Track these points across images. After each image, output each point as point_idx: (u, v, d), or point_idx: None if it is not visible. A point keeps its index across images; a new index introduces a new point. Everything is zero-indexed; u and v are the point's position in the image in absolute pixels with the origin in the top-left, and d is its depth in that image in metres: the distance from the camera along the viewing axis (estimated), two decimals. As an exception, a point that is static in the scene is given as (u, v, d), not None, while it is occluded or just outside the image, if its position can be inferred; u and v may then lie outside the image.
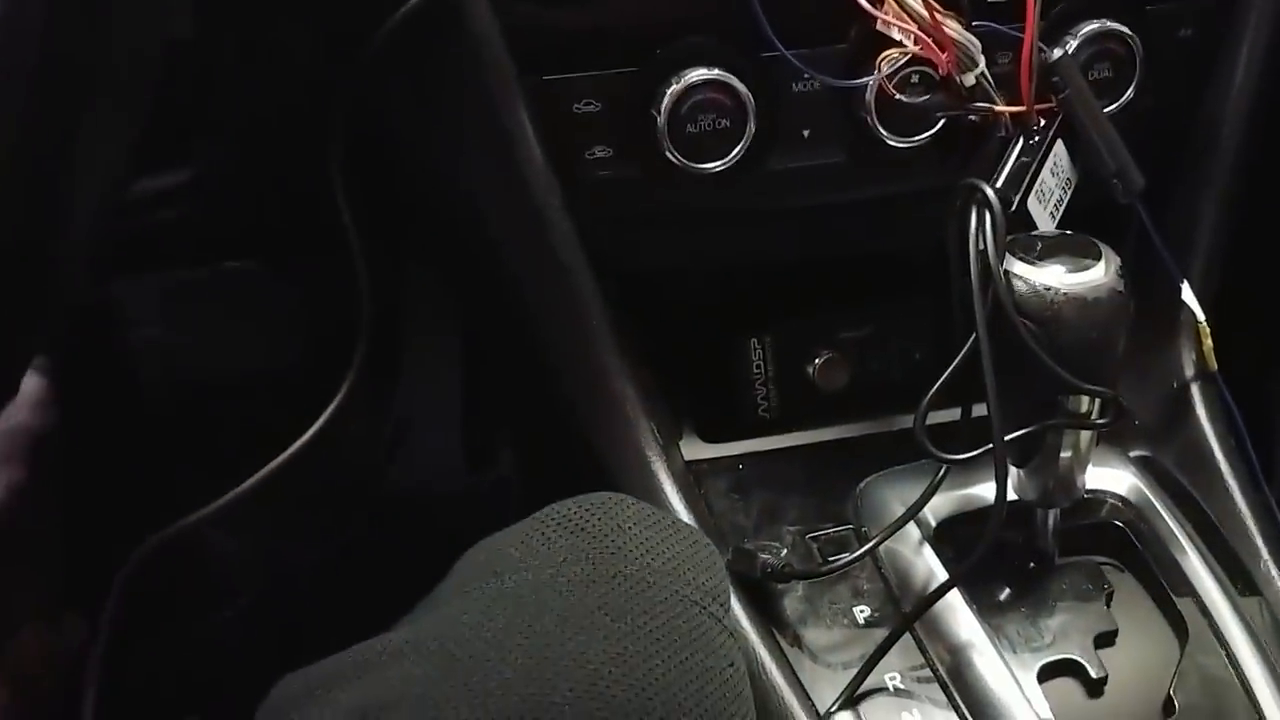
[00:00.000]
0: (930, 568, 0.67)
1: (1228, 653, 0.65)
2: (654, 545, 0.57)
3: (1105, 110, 0.70)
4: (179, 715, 1.01)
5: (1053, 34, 0.70)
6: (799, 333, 0.80)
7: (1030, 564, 0.68)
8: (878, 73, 0.67)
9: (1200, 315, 0.75)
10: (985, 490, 0.68)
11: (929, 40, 0.66)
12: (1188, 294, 0.74)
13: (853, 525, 0.71)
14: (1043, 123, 0.68)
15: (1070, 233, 0.64)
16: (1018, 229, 0.64)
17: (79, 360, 0.99)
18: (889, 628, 0.65)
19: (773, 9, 0.66)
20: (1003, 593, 0.67)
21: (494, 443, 1.15)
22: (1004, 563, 0.68)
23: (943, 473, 0.65)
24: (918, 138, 0.70)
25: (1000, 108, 0.68)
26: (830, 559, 0.68)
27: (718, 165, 0.69)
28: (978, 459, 0.62)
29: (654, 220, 0.74)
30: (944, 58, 0.66)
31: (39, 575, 1.00)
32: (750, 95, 0.68)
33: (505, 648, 0.52)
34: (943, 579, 0.65)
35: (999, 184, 0.66)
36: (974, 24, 0.67)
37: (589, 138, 0.69)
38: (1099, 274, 0.60)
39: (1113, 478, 0.73)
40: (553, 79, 0.67)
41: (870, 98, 0.68)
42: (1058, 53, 0.68)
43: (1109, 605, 0.67)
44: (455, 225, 0.79)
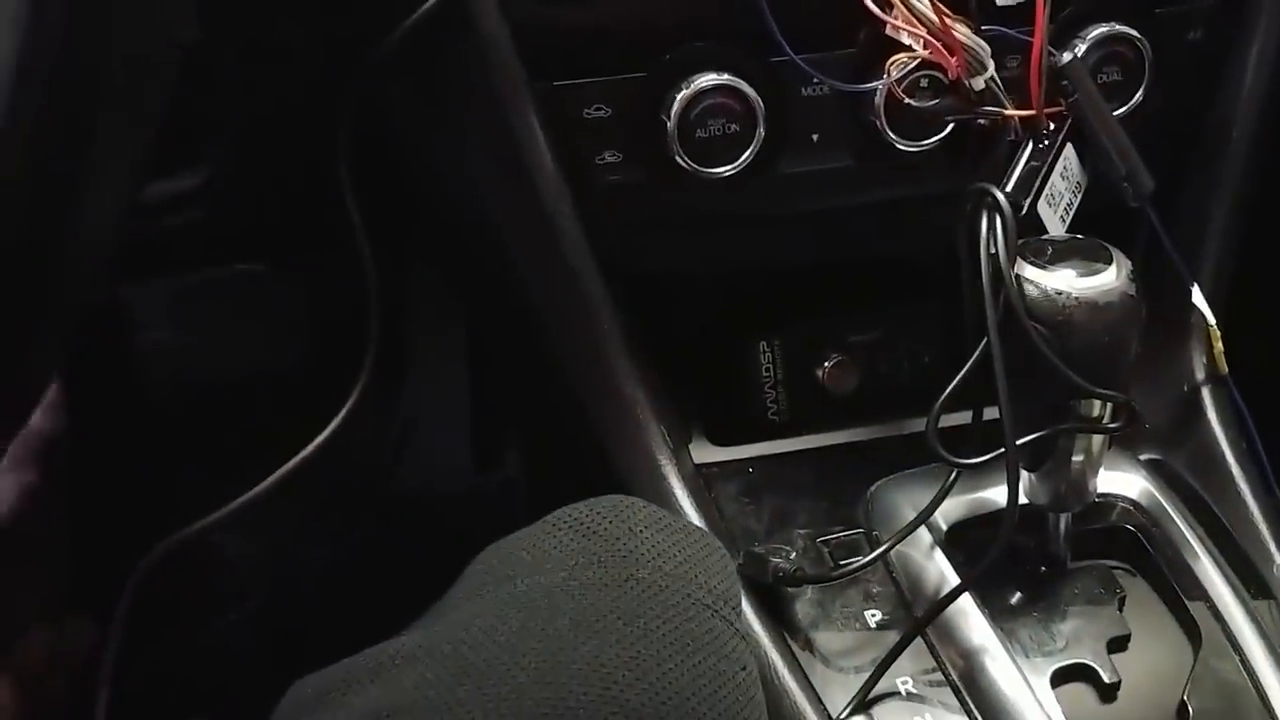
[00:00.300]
0: (942, 572, 0.67)
1: (1241, 657, 0.65)
2: (666, 549, 0.57)
3: (1114, 113, 0.70)
4: (186, 719, 1.01)
5: (1061, 37, 0.70)
6: (809, 336, 0.80)
7: (1042, 568, 0.68)
8: (887, 77, 0.67)
9: (1211, 318, 0.74)
10: (996, 494, 0.68)
11: (938, 45, 0.66)
12: (1198, 297, 0.74)
13: (864, 529, 0.71)
14: (1052, 126, 0.68)
15: (1081, 236, 0.64)
16: (1028, 233, 0.64)
17: (87, 363, 1.00)
18: (901, 632, 0.65)
19: (782, 14, 0.66)
20: (1014, 597, 0.67)
21: (500, 443, 1.16)
22: (1015, 567, 0.68)
23: (954, 477, 0.65)
24: (927, 142, 0.70)
25: (1010, 112, 0.67)
26: (841, 563, 0.68)
27: (727, 170, 0.69)
28: (989, 463, 0.62)
29: (663, 224, 0.74)
30: (953, 62, 0.66)
31: (47, 577, 1.00)
32: (759, 100, 0.68)
33: (519, 652, 0.52)
34: (954, 583, 0.65)
35: (1009, 188, 0.65)
36: (983, 28, 0.67)
37: (599, 143, 0.69)
38: (1110, 278, 0.60)
39: (1124, 481, 0.73)
40: (562, 84, 0.68)
41: (879, 102, 0.68)
42: (1067, 56, 0.69)
43: (1121, 610, 0.67)
44: (463, 228, 0.79)
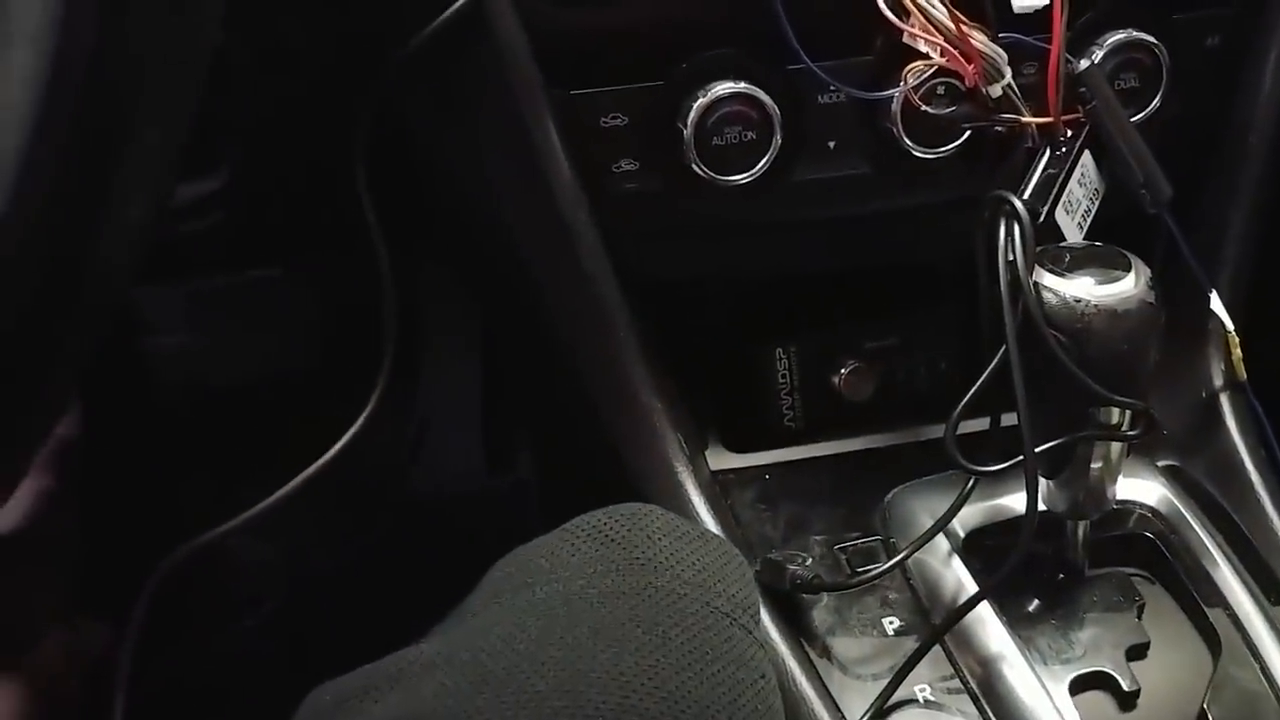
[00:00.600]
0: (960, 579, 0.67)
1: (1261, 665, 0.64)
2: (684, 557, 0.57)
3: (1132, 119, 0.70)
4: (202, 722, 1.02)
5: (1079, 44, 0.70)
6: (825, 343, 0.80)
7: (1060, 576, 0.68)
8: (904, 84, 0.67)
9: (1229, 325, 0.74)
10: (1014, 501, 0.68)
11: (955, 52, 0.66)
12: (1216, 304, 0.74)
13: (881, 536, 0.71)
14: (1069, 133, 0.68)
15: (1099, 244, 0.64)
16: (1046, 240, 0.64)
17: (101, 366, 1.00)
18: (918, 639, 0.65)
19: (799, 21, 0.66)
20: (1033, 605, 0.67)
21: (513, 445, 1.16)
22: (1033, 574, 0.67)
23: (972, 484, 0.65)
24: (944, 149, 0.70)
25: (1027, 119, 0.67)
26: (859, 570, 0.68)
27: (743, 177, 0.69)
28: (1007, 470, 0.62)
29: (680, 231, 0.74)
30: (970, 70, 0.66)
31: (61, 580, 1.00)
32: (776, 108, 0.68)
33: (538, 660, 0.52)
34: (972, 591, 0.65)
35: (1026, 195, 0.65)
36: (1000, 35, 0.67)
37: (615, 151, 0.69)
38: (1129, 285, 0.60)
39: (1142, 488, 0.72)
40: (579, 93, 0.68)
41: (896, 109, 0.68)
42: (1084, 63, 0.68)
43: (1140, 617, 0.67)
44: (480, 235, 0.79)
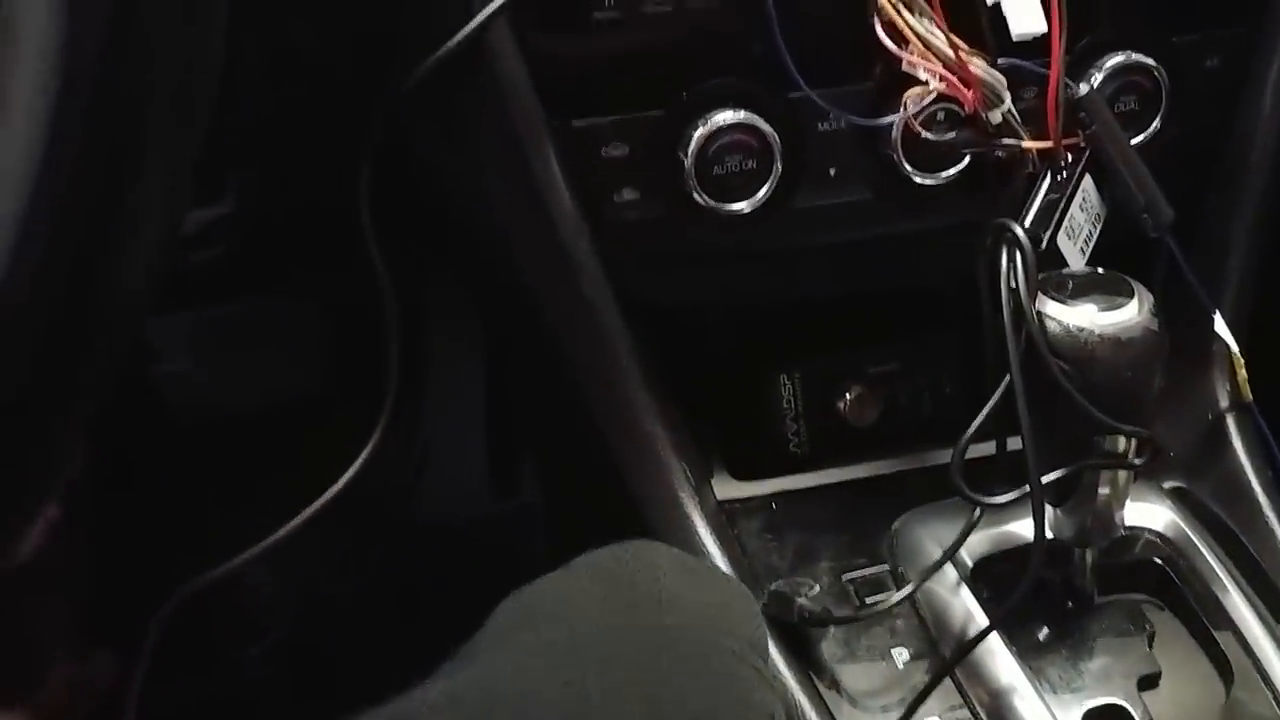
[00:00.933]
0: (968, 609, 0.66)
1: (1273, 692, 0.64)
2: (691, 595, 0.57)
3: (1132, 142, 0.70)
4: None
5: (1078, 68, 0.70)
6: (828, 368, 0.79)
7: (1068, 603, 0.68)
8: (904, 111, 0.67)
9: (1234, 346, 0.74)
10: (1021, 528, 0.68)
11: (955, 79, 0.66)
12: (1220, 325, 0.74)
13: (888, 565, 0.71)
14: (1070, 158, 0.68)
15: (1101, 270, 0.64)
16: (1047, 266, 0.64)
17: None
18: (928, 670, 0.65)
19: (798, 49, 0.66)
20: (1042, 634, 0.67)
21: (518, 468, 1.16)
22: (1042, 602, 0.67)
23: (979, 513, 0.65)
24: (944, 174, 0.70)
25: (1028, 144, 0.67)
26: (867, 600, 0.67)
27: (745, 205, 0.69)
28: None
29: (682, 259, 0.74)
30: (970, 96, 0.66)
31: (69, 610, 1.00)
32: (776, 136, 0.68)
33: (545, 702, 0.52)
34: (981, 621, 0.65)
35: (1028, 222, 0.65)
36: (999, 61, 0.67)
37: (616, 180, 0.69)
38: (1132, 313, 0.60)
39: (1148, 513, 0.72)
40: (580, 123, 0.68)
41: (896, 135, 0.68)
42: (1084, 88, 0.68)
43: (1151, 646, 0.66)
44: (483, 263, 0.79)
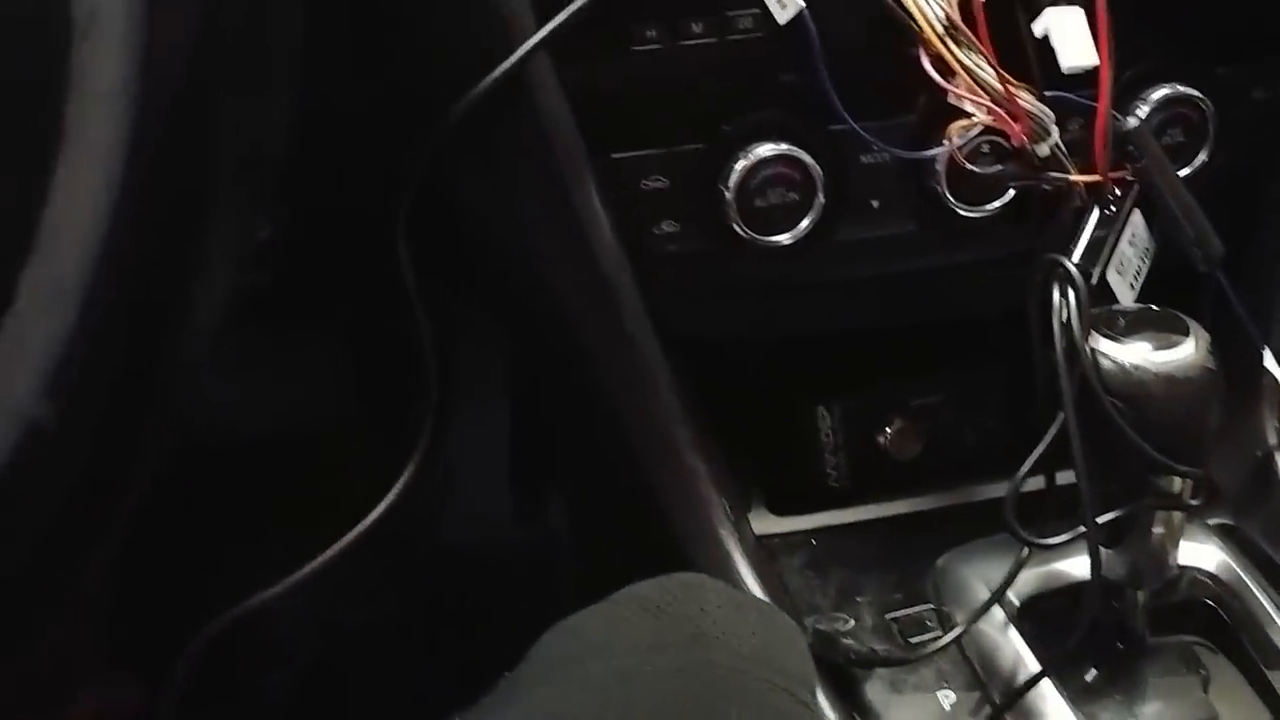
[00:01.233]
0: (1017, 652, 0.65)
1: (1330, 739, 0.63)
2: (739, 630, 0.56)
3: (1178, 174, 0.69)
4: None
5: (1123, 100, 0.69)
6: (869, 400, 0.79)
7: (1119, 644, 0.66)
8: (949, 143, 0.67)
9: (1283, 381, 0.73)
10: (1069, 566, 0.67)
11: (1002, 112, 0.65)
12: (1270, 360, 0.73)
13: (933, 604, 0.70)
14: (1118, 192, 0.67)
15: (1154, 307, 0.63)
16: (1097, 302, 0.63)
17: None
18: (975, 712, 0.63)
19: (841, 82, 0.65)
20: (1093, 677, 0.65)
21: (543, 495, 1.15)
22: (1092, 644, 0.66)
23: (1028, 552, 0.64)
24: (989, 207, 0.69)
25: (1075, 177, 0.66)
26: (912, 641, 0.66)
27: (786, 238, 0.68)
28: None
29: (722, 291, 0.73)
30: (1017, 129, 0.65)
31: (93, 636, 1.00)
32: (819, 168, 0.67)
33: (594, 743, 0.51)
34: (1031, 663, 0.64)
35: (1077, 256, 0.64)
36: (1046, 93, 0.66)
37: (657, 213, 0.68)
38: (1189, 351, 0.59)
39: (1197, 551, 0.71)
40: (621, 156, 0.67)
41: (941, 168, 0.67)
42: (1132, 121, 0.68)
43: (1206, 690, 0.65)
44: (520, 294, 0.78)
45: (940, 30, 0.64)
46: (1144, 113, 0.69)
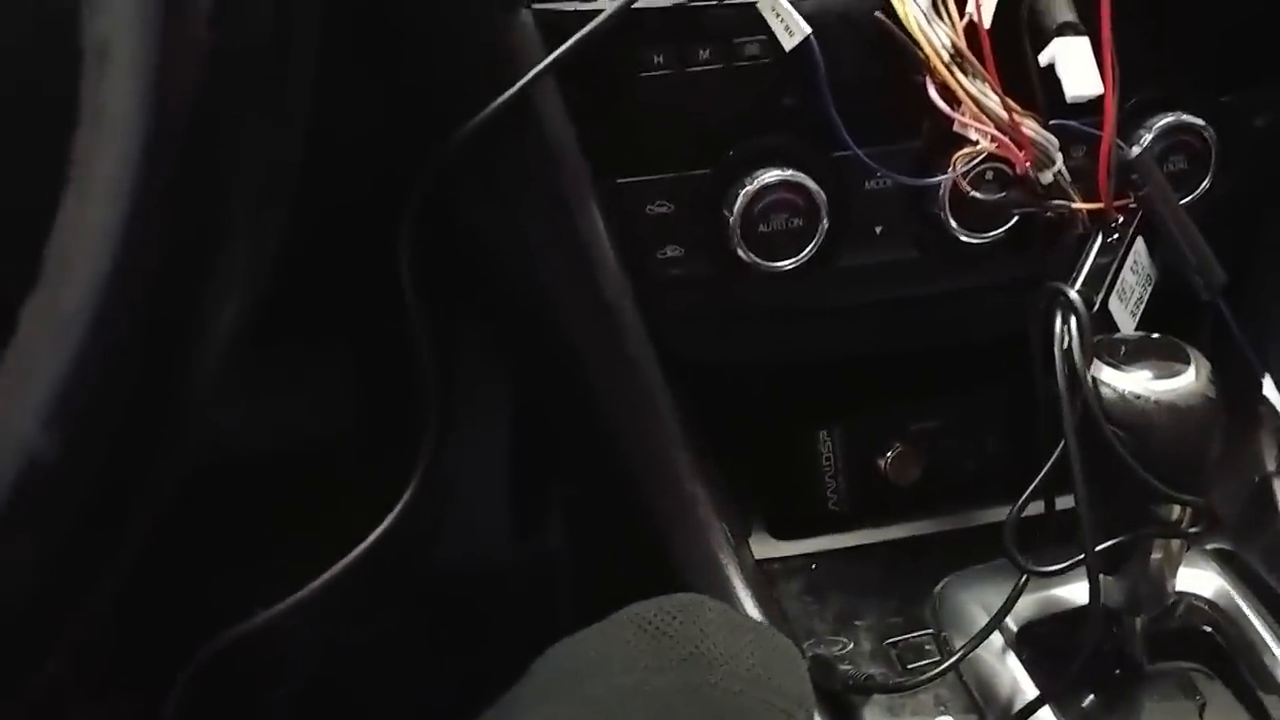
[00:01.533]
0: (1015, 679, 0.65)
1: (1327, 767, 0.63)
2: (739, 651, 0.56)
3: (1181, 202, 0.69)
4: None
5: (1126, 128, 0.69)
6: (869, 425, 0.79)
7: (1117, 671, 0.67)
8: (953, 170, 0.67)
9: (1282, 409, 0.73)
10: (1068, 592, 0.67)
11: (1007, 140, 0.65)
12: (1269, 388, 0.73)
13: (932, 630, 0.70)
14: (1121, 220, 0.67)
15: (1155, 335, 0.63)
16: (1099, 330, 0.64)
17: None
18: (975, 740, 0.64)
19: (846, 109, 0.66)
20: (1091, 703, 0.66)
21: (542, 512, 1.15)
22: (1091, 671, 0.66)
23: (1026, 578, 0.64)
24: (992, 233, 0.69)
25: (1079, 205, 0.67)
26: (909, 667, 0.66)
27: (790, 263, 0.68)
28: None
29: (725, 315, 0.73)
30: (1021, 157, 0.66)
31: (92, 656, 0.99)
32: (822, 194, 0.67)
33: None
34: (1029, 690, 0.64)
35: (1079, 284, 0.65)
36: (1051, 122, 0.67)
37: (661, 237, 0.69)
38: (1189, 380, 0.59)
39: (1195, 577, 0.71)
40: (626, 181, 0.68)
41: (944, 194, 0.68)
42: (1135, 149, 0.68)
43: (1202, 717, 0.65)
44: (522, 316, 0.79)
45: (946, 58, 0.64)
46: (1147, 140, 0.69)
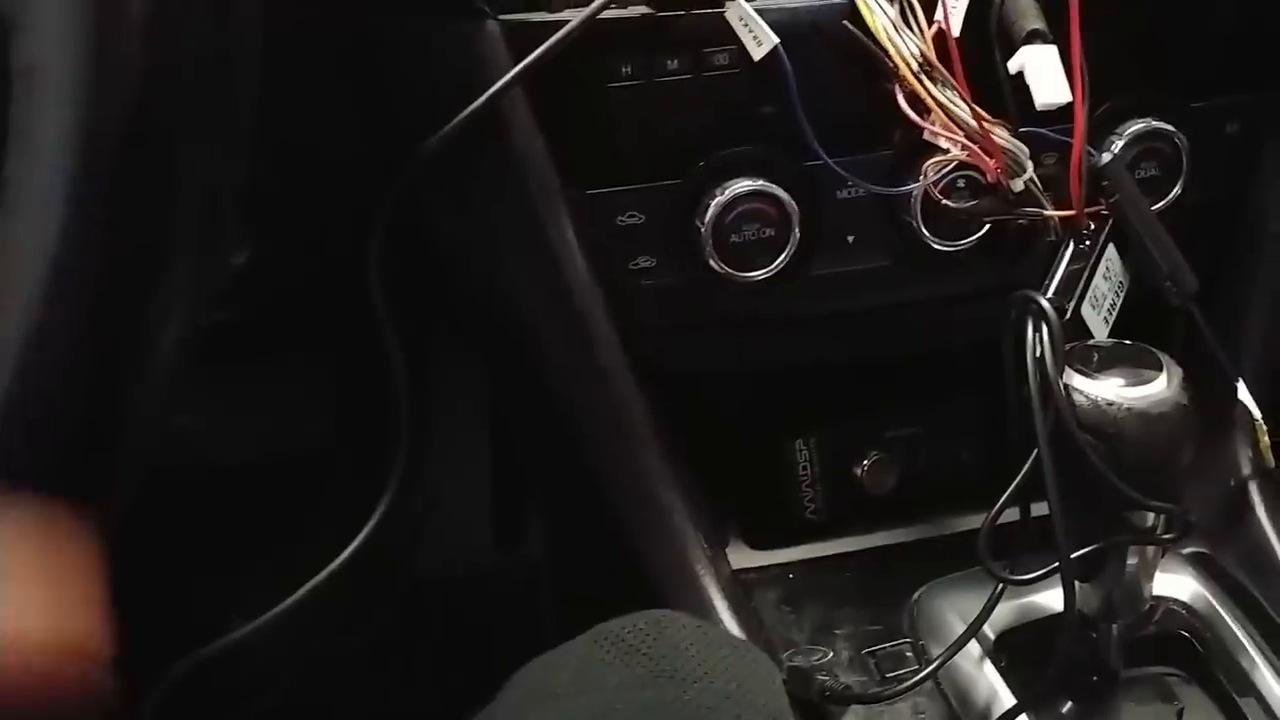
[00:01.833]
0: (993, 686, 0.65)
1: (1302, 768, 0.63)
2: (713, 667, 0.56)
3: (1152, 208, 0.69)
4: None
5: (1098, 134, 0.70)
6: (845, 433, 0.79)
7: (1094, 677, 0.66)
8: (924, 179, 0.67)
9: (1256, 412, 0.73)
10: (1045, 599, 0.67)
11: (977, 148, 0.65)
12: (1243, 392, 0.73)
13: (909, 638, 0.70)
14: (1093, 227, 0.67)
15: (1127, 342, 0.63)
16: (1071, 336, 0.63)
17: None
18: (952, 749, 0.63)
19: (816, 118, 0.66)
20: (1069, 711, 0.65)
21: (522, 522, 1.14)
22: (1068, 677, 0.66)
23: (1002, 588, 0.64)
24: (964, 241, 0.69)
25: (1050, 212, 0.67)
26: (888, 676, 0.66)
27: (762, 273, 0.68)
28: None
29: (698, 326, 0.73)
30: (992, 164, 0.66)
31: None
32: (794, 204, 0.67)
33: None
34: (1006, 698, 0.64)
35: (1051, 291, 0.65)
36: (1021, 129, 0.67)
37: (633, 248, 0.68)
38: (1161, 387, 0.59)
39: (1172, 581, 0.71)
40: (596, 192, 0.67)
41: (916, 203, 0.68)
42: (1106, 157, 0.68)
43: (1180, 722, 0.66)
44: (495, 328, 0.78)
45: (915, 67, 0.64)
46: (1118, 147, 0.70)
